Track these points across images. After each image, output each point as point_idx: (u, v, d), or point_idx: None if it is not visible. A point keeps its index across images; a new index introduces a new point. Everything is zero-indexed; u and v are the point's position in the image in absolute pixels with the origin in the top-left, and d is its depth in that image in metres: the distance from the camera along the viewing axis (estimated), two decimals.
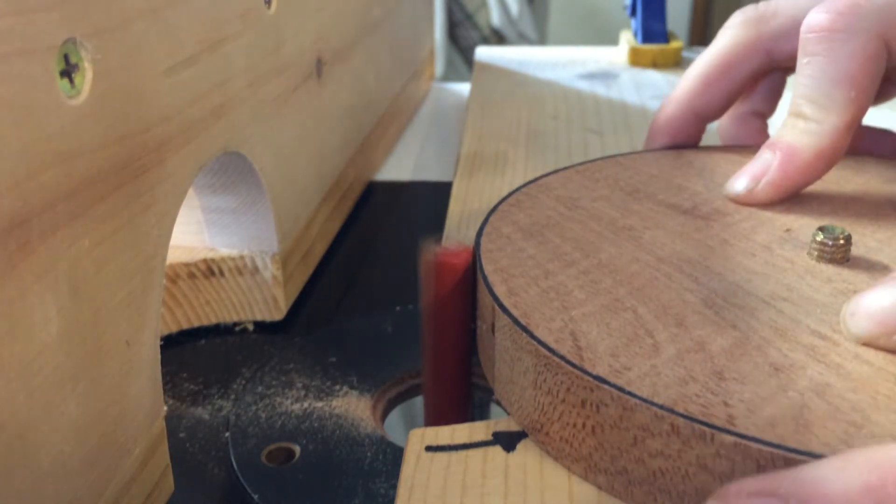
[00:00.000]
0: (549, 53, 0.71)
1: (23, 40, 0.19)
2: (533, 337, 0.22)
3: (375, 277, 0.43)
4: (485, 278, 0.25)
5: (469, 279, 0.26)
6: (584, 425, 0.21)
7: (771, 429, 0.19)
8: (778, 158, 0.30)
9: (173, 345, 0.36)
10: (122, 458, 0.25)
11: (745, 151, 0.35)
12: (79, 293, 0.22)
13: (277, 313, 0.38)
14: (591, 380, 0.21)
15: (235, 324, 0.38)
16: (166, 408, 0.28)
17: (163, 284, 0.27)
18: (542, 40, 1.88)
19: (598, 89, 0.59)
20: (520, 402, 0.23)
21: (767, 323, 0.23)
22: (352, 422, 0.31)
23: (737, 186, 0.30)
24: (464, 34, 1.70)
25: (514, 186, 0.32)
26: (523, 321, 0.23)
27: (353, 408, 0.32)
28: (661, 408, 0.19)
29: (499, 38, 1.71)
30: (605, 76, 0.62)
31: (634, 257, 0.26)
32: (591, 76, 0.62)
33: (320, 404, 0.32)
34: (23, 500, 0.20)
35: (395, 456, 0.29)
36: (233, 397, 0.33)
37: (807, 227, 0.28)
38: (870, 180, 0.32)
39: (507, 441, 0.23)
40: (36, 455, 0.20)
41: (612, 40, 0.73)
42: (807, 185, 0.30)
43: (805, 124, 0.29)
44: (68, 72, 0.21)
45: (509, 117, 0.52)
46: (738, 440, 0.18)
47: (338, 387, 0.33)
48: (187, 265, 0.36)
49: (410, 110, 0.68)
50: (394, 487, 0.27)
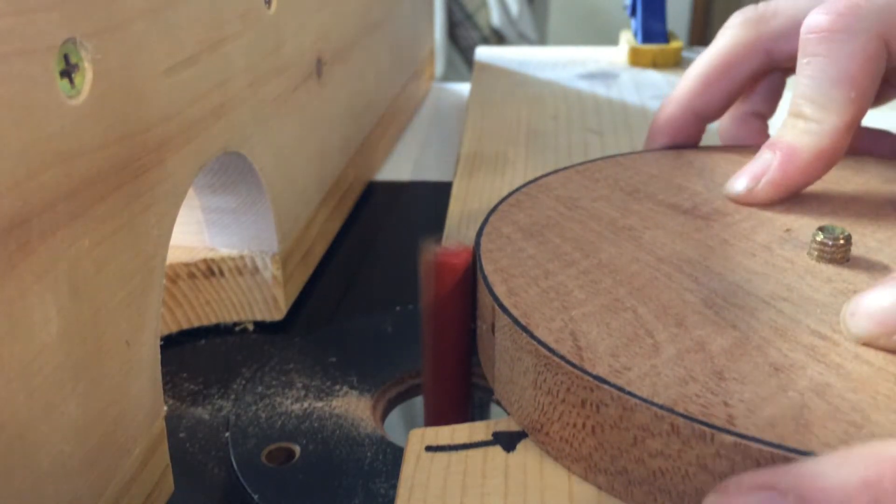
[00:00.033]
0: (549, 53, 0.71)
1: (23, 40, 0.19)
2: (533, 337, 0.22)
3: (375, 277, 0.43)
4: (485, 278, 0.25)
5: (469, 279, 0.26)
6: (584, 425, 0.21)
7: (771, 429, 0.19)
8: (778, 158, 0.30)
9: (173, 345, 0.36)
10: (122, 458, 0.25)
11: (745, 151, 0.35)
12: (79, 293, 0.22)
13: (277, 313, 0.38)
14: (591, 380, 0.21)
15: (235, 324, 0.38)
16: (166, 408, 0.28)
17: (163, 284, 0.27)
18: (542, 40, 1.88)
19: (598, 89, 0.59)
20: (520, 402, 0.23)
21: (767, 323, 0.23)
22: (352, 422, 0.31)
23: (737, 186, 0.30)
24: (464, 34, 1.70)
25: (514, 186, 0.32)
26: (523, 321, 0.23)
27: (353, 408, 0.32)
28: (661, 408, 0.19)
29: (499, 38, 1.71)
30: (605, 76, 0.62)
31: (634, 257, 0.26)
32: (591, 76, 0.62)
33: (320, 404, 0.32)
34: (23, 500, 0.20)
35: (395, 456, 0.29)
36: (233, 397, 0.33)
37: (807, 227, 0.28)
38: (870, 180, 0.32)
39: (507, 441, 0.23)
40: (36, 455, 0.20)
41: (612, 40, 0.73)
42: (807, 185, 0.30)
43: (805, 124, 0.29)
44: (68, 72, 0.21)
45: (509, 117, 0.52)
46: (738, 440, 0.18)
47: (338, 387, 0.33)
48: (187, 265, 0.36)
49: (410, 110, 0.68)
50: (394, 487, 0.27)
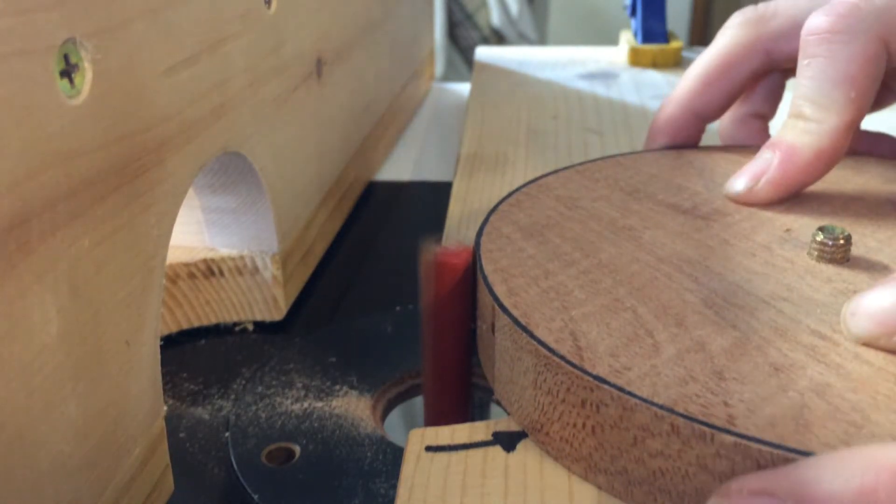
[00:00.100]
0: (549, 53, 0.71)
1: (23, 40, 0.19)
2: (533, 337, 0.22)
3: (375, 277, 0.43)
4: (485, 278, 0.25)
5: (469, 279, 0.26)
6: (584, 425, 0.21)
7: (771, 429, 0.19)
8: (778, 158, 0.30)
9: (173, 345, 0.36)
10: (122, 458, 0.25)
11: (745, 151, 0.35)
12: (79, 293, 0.22)
13: (277, 313, 0.38)
14: (591, 380, 0.21)
15: (235, 324, 0.38)
16: (166, 408, 0.28)
17: (163, 284, 0.27)
18: (542, 40, 1.88)
19: (598, 89, 0.59)
20: (520, 402, 0.23)
21: (767, 323, 0.23)
22: (352, 422, 0.31)
23: (737, 186, 0.30)
24: (464, 34, 1.70)
25: (514, 186, 0.32)
26: (523, 321, 0.23)
27: (353, 408, 0.32)
28: (661, 408, 0.19)
29: (499, 38, 1.71)
30: (605, 76, 0.62)
31: (634, 257, 0.26)
32: (591, 76, 0.62)
33: (320, 404, 0.32)
34: (22, 500, 0.20)
35: (395, 456, 0.29)
36: (233, 397, 0.33)
37: (807, 227, 0.28)
38: (870, 180, 0.32)
39: (507, 441, 0.23)
40: (36, 455, 0.20)
41: (612, 40, 0.73)
42: (807, 186, 0.30)
43: (805, 124, 0.29)
44: (68, 72, 0.21)
45: (509, 117, 0.52)
46: (738, 440, 0.18)
47: (338, 387, 0.33)
48: (187, 265, 0.36)
49: (410, 110, 0.68)
50: (394, 487, 0.27)
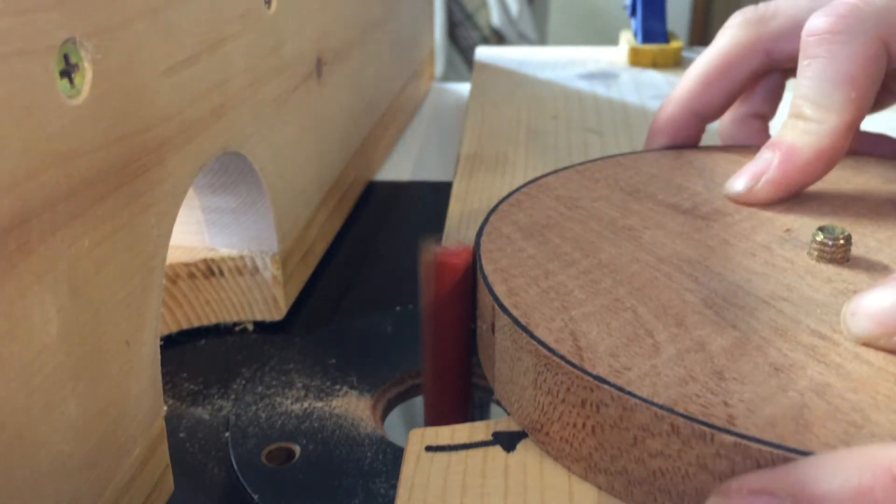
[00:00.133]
0: (549, 53, 0.71)
1: (23, 40, 0.19)
2: (533, 337, 0.22)
3: (375, 277, 0.43)
4: (485, 278, 0.25)
5: (469, 279, 0.26)
6: (584, 425, 0.21)
7: (771, 429, 0.19)
8: (778, 157, 0.30)
9: (173, 345, 0.36)
10: (122, 458, 0.25)
11: (745, 151, 0.35)
12: (79, 293, 0.22)
13: (277, 313, 0.38)
14: (591, 380, 0.21)
15: (235, 324, 0.38)
16: (166, 408, 0.28)
17: (163, 284, 0.27)
18: (542, 40, 1.88)
19: (598, 89, 0.59)
20: (520, 402, 0.23)
21: (767, 323, 0.23)
22: (352, 422, 0.31)
23: (736, 185, 0.30)
24: (464, 34, 1.70)
25: (514, 186, 0.32)
26: (523, 321, 0.23)
27: (353, 408, 0.32)
28: (661, 408, 0.19)
29: (499, 38, 1.71)
30: (605, 76, 0.62)
31: (634, 257, 0.26)
32: (591, 76, 0.62)
33: (320, 404, 0.32)
34: (22, 500, 0.20)
35: (395, 456, 0.29)
36: (233, 397, 0.33)
37: (807, 227, 0.28)
38: (870, 180, 0.32)
39: (507, 441, 0.23)
40: (35, 455, 0.20)
41: (612, 40, 0.73)
42: (806, 186, 0.30)
43: (805, 125, 0.29)
44: (68, 72, 0.21)
45: (509, 117, 0.52)
46: (738, 440, 0.18)
47: (338, 387, 0.33)
48: (187, 265, 0.36)
49: (410, 110, 0.68)
50: (394, 487, 0.27)
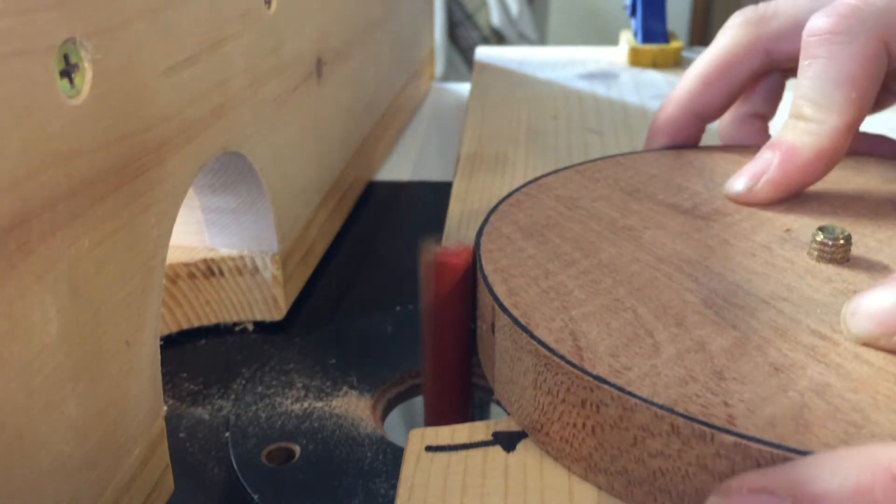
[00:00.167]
0: (549, 53, 0.71)
1: (23, 40, 0.19)
2: (533, 337, 0.22)
3: (375, 277, 0.43)
4: (485, 278, 0.25)
5: (469, 279, 0.26)
6: (584, 425, 0.21)
7: (771, 429, 0.19)
8: (778, 157, 0.30)
9: (173, 345, 0.36)
10: (122, 458, 0.25)
11: (745, 151, 0.35)
12: (79, 293, 0.22)
13: (277, 313, 0.38)
14: (591, 380, 0.21)
15: (235, 324, 0.38)
16: (166, 408, 0.28)
17: (163, 284, 0.27)
18: (542, 40, 1.88)
19: (598, 89, 0.59)
20: (520, 402, 0.23)
21: (767, 323, 0.23)
22: (352, 422, 0.31)
23: (736, 185, 0.30)
24: (464, 34, 1.70)
25: (514, 186, 0.32)
26: (523, 321, 0.23)
27: (353, 408, 0.32)
28: (661, 408, 0.19)
29: (499, 38, 1.71)
30: (605, 76, 0.62)
31: (634, 257, 0.26)
32: (591, 76, 0.62)
33: (320, 404, 0.32)
34: (22, 500, 0.20)
35: (395, 456, 0.29)
36: (233, 397, 0.33)
37: (807, 227, 0.28)
38: (870, 180, 0.32)
39: (507, 441, 0.23)
40: (35, 455, 0.20)
41: (612, 40, 0.73)
42: (806, 186, 0.30)
43: (806, 125, 0.29)
44: (68, 72, 0.21)
45: (509, 117, 0.52)
46: (738, 440, 0.18)
47: (338, 387, 0.33)
48: (187, 265, 0.36)
49: (410, 110, 0.68)
50: (394, 487, 0.27)
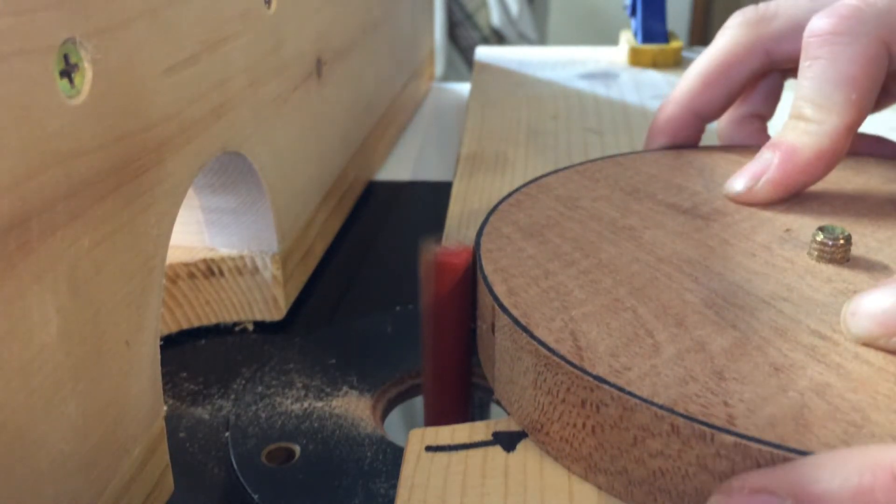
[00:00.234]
0: (549, 53, 0.71)
1: (23, 40, 0.19)
2: (533, 337, 0.22)
3: (375, 277, 0.43)
4: (485, 278, 0.25)
5: (469, 279, 0.26)
6: (584, 425, 0.21)
7: (771, 429, 0.19)
8: (778, 157, 0.30)
9: (173, 345, 0.36)
10: (122, 457, 0.25)
11: (745, 151, 0.35)
12: (78, 293, 0.22)
13: (277, 313, 0.38)
14: (591, 380, 0.20)
15: (235, 324, 0.38)
16: (166, 408, 0.28)
17: (163, 284, 0.27)
18: (542, 40, 1.88)
19: (598, 89, 0.59)
20: (520, 402, 0.23)
21: (767, 323, 0.23)
22: (352, 422, 0.31)
23: (736, 185, 0.30)
24: (464, 34, 1.70)
25: (514, 186, 0.32)
26: (523, 321, 0.23)
27: (353, 408, 0.32)
28: (661, 408, 0.19)
29: (499, 38, 1.71)
30: (605, 76, 0.62)
31: (634, 257, 0.26)
32: (591, 76, 0.62)
33: (320, 404, 0.32)
34: (22, 500, 0.20)
35: (395, 456, 0.29)
36: (233, 397, 0.33)
37: (807, 227, 0.28)
38: (870, 180, 0.32)
39: (507, 441, 0.23)
40: (35, 454, 0.20)
41: (612, 40, 0.73)
42: (806, 186, 0.30)
43: (806, 125, 0.29)
44: (68, 72, 0.21)
45: (509, 117, 0.52)
46: (738, 440, 0.18)
47: (338, 387, 0.33)
48: (187, 265, 0.36)
49: (410, 110, 0.68)
50: (394, 487, 0.27)
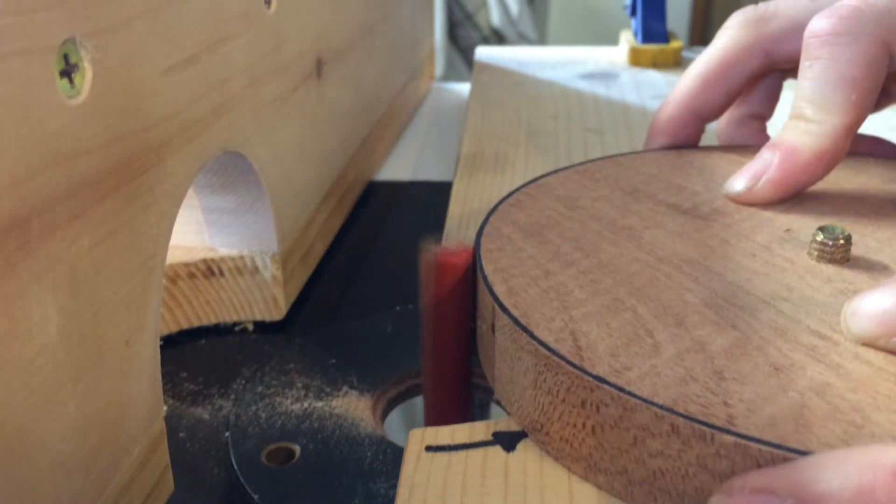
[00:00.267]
0: (549, 53, 0.71)
1: (23, 40, 0.19)
2: (533, 337, 0.22)
3: (375, 277, 0.43)
4: (485, 278, 0.25)
5: (469, 279, 0.26)
6: (584, 425, 0.21)
7: (771, 429, 0.19)
8: (778, 158, 0.30)
9: (173, 345, 0.36)
10: (122, 457, 0.25)
11: (745, 151, 0.35)
12: (78, 293, 0.22)
13: (277, 313, 0.38)
14: (591, 380, 0.20)
15: (235, 324, 0.38)
16: (166, 408, 0.28)
17: (162, 284, 0.27)
18: (542, 40, 1.88)
19: (598, 89, 0.59)
20: (520, 402, 0.23)
21: (767, 323, 0.23)
22: (352, 422, 0.31)
23: (736, 185, 0.30)
24: (464, 34, 1.70)
25: (514, 186, 0.32)
26: (523, 321, 0.23)
27: (353, 408, 0.32)
28: (661, 408, 0.19)
29: (499, 38, 1.71)
30: (605, 76, 0.62)
31: (634, 257, 0.26)
32: (591, 76, 0.62)
33: (320, 404, 0.32)
34: (22, 500, 0.20)
35: (395, 456, 0.29)
36: (233, 397, 0.33)
37: (807, 227, 0.28)
38: (870, 180, 0.32)
39: (507, 441, 0.23)
40: (35, 455, 0.20)
41: (612, 40, 0.73)
42: (806, 186, 0.30)
43: (806, 125, 0.29)
44: (68, 72, 0.21)
45: (509, 117, 0.52)
46: (738, 440, 0.18)
47: (338, 387, 0.33)
48: (187, 265, 0.36)
49: (410, 110, 0.68)
50: (394, 487, 0.27)
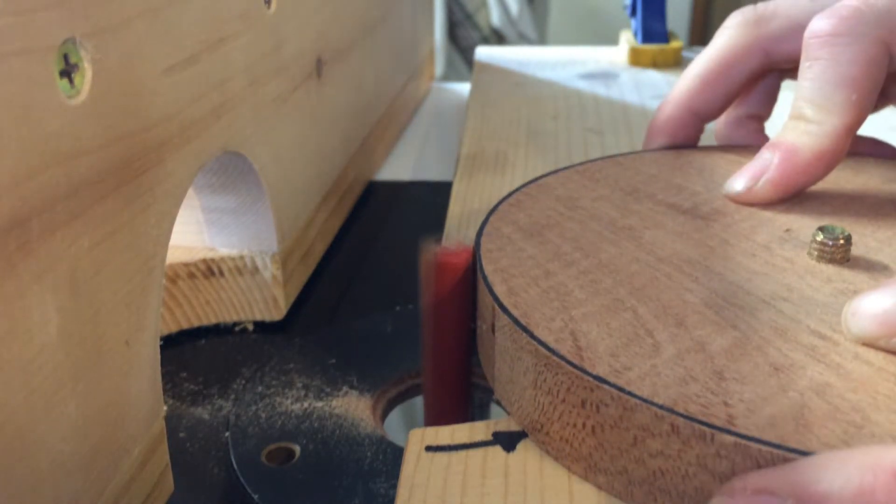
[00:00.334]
0: (549, 53, 0.71)
1: (23, 40, 0.19)
2: (533, 337, 0.22)
3: (375, 277, 0.43)
4: (485, 278, 0.25)
5: (469, 279, 0.26)
6: (584, 425, 0.21)
7: (771, 429, 0.19)
8: (778, 158, 0.30)
9: (173, 345, 0.36)
10: (122, 457, 0.25)
11: (744, 151, 0.35)
12: (78, 293, 0.22)
13: (277, 313, 0.38)
14: (591, 380, 0.21)
15: (235, 324, 0.38)
16: (166, 408, 0.28)
17: (162, 284, 0.27)
18: (542, 40, 1.88)
19: (598, 89, 0.59)
20: (520, 402, 0.23)
21: (767, 323, 0.23)
22: (352, 422, 0.31)
23: (736, 185, 0.30)
24: (464, 34, 1.70)
25: (514, 186, 0.32)
26: (523, 321, 0.23)
27: (353, 408, 0.32)
28: (661, 408, 0.19)
29: (499, 38, 1.71)
30: (605, 76, 0.62)
31: (634, 257, 0.26)
32: (591, 76, 0.62)
33: (320, 404, 0.32)
34: (22, 500, 0.20)
35: (395, 456, 0.29)
36: (233, 397, 0.33)
37: (807, 227, 0.28)
38: (870, 180, 0.32)
39: (507, 441, 0.23)
40: (35, 455, 0.20)
41: (612, 40, 0.73)
42: (806, 187, 0.30)
43: (806, 126, 0.29)
44: (68, 72, 0.21)
45: (509, 117, 0.52)
46: (738, 440, 0.18)
47: (338, 387, 0.33)
48: (187, 265, 0.36)
49: (410, 110, 0.68)
50: (394, 487, 0.27)
